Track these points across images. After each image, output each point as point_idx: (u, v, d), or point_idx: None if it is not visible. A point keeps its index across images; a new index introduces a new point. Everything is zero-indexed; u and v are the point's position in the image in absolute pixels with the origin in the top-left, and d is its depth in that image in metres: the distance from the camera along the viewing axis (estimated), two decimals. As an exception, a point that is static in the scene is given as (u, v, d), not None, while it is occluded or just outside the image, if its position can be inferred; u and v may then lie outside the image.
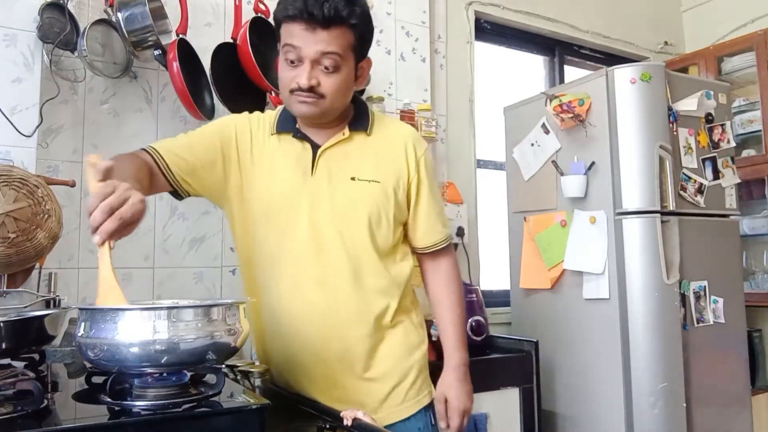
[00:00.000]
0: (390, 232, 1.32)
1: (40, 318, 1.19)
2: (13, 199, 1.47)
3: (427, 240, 1.39)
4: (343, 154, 1.31)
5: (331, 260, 1.27)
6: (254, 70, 2.07)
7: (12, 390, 0.94)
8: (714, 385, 2.28)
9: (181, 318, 0.90)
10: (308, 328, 1.27)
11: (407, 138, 1.37)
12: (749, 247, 3.10)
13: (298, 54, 1.20)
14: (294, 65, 1.22)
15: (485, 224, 2.91)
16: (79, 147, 1.97)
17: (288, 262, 1.29)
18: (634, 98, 2.23)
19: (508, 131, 2.71)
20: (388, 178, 1.32)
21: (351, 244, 1.28)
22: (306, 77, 1.20)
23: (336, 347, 1.28)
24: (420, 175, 1.35)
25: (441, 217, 1.41)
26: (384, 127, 1.38)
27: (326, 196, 1.28)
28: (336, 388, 1.28)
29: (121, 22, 1.90)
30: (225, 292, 2.16)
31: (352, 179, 1.29)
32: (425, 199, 1.37)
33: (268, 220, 1.29)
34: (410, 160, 1.35)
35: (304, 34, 1.18)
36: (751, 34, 3.15)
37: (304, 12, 1.16)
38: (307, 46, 1.19)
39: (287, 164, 1.30)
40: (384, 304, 1.31)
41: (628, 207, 2.20)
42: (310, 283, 1.27)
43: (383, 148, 1.34)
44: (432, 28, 2.80)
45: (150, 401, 0.91)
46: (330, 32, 1.18)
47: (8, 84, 1.72)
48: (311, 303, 1.27)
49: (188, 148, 1.28)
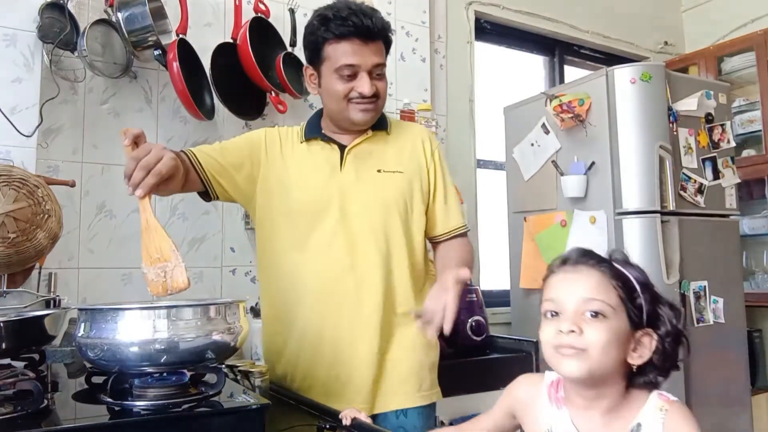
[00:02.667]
0: (418, 218, 1.43)
1: (40, 318, 1.19)
2: (13, 199, 1.47)
3: (445, 226, 1.48)
4: (367, 151, 1.44)
5: (360, 247, 1.36)
6: (254, 70, 2.07)
7: (12, 390, 0.94)
8: (714, 385, 2.28)
9: (180, 317, 0.90)
10: (337, 309, 1.34)
11: (422, 134, 1.52)
12: (749, 247, 3.09)
13: (354, 69, 1.34)
14: (350, 78, 1.35)
15: (485, 224, 2.91)
16: (79, 147, 1.97)
17: (318, 251, 1.37)
18: (634, 98, 2.23)
19: (508, 131, 2.71)
20: (411, 169, 1.45)
21: (381, 231, 1.38)
22: (369, 86, 1.34)
23: (359, 332, 1.34)
24: (436, 165, 1.49)
25: (458, 206, 1.53)
26: (399, 126, 1.54)
27: (354, 187, 1.39)
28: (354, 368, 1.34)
29: (121, 22, 1.90)
30: (225, 292, 2.16)
31: (378, 171, 1.42)
32: (442, 186, 1.49)
33: (301, 214, 1.39)
34: (427, 151, 1.48)
35: (359, 50, 1.33)
36: (751, 34, 3.15)
37: (360, 29, 1.31)
38: (364, 59, 1.33)
39: (318, 163, 1.42)
40: (409, 291, 1.39)
41: (628, 207, 2.20)
42: (340, 267, 1.35)
43: (403, 143, 1.48)
44: (432, 28, 2.80)
45: (150, 401, 0.91)
46: (377, 44, 1.36)
47: (8, 84, 1.72)
48: (341, 287, 1.35)
49: (220, 151, 1.40)
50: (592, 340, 0.83)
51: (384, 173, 1.42)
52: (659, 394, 0.86)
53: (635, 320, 0.85)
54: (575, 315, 0.85)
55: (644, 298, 0.86)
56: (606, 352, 0.83)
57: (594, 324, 0.83)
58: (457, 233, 1.49)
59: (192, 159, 1.35)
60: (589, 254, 0.90)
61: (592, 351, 0.83)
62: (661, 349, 0.85)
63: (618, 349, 0.84)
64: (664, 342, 0.85)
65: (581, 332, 0.83)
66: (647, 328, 0.86)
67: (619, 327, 0.84)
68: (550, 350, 0.86)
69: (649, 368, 0.86)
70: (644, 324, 0.85)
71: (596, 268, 0.87)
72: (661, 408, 0.84)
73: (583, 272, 0.87)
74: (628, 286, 0.86)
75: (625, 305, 0.85)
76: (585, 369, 0.83)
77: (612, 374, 0.85)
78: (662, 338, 0.85)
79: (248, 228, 2.23)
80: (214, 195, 1.40)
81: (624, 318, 0.85)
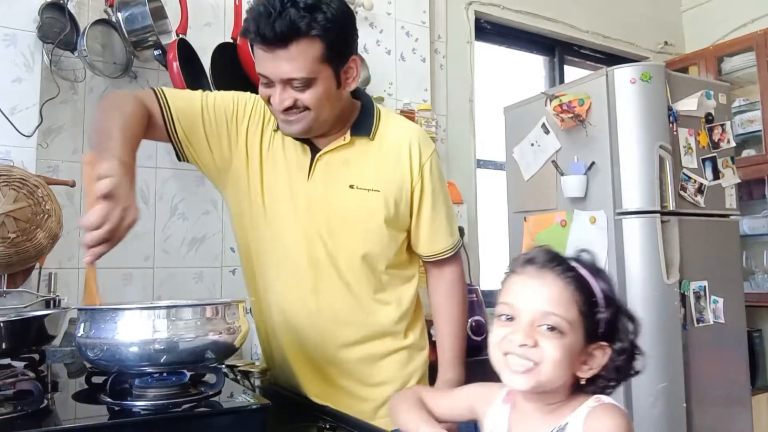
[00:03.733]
0: (390, 243, 1.27)
1: (40, 318, 1.19)
2: (13, 199, 1.47)
3: (429, 249, 1.33)
4: (342, 160, 1.24)
5: (322, 270, 1.24)
6: (254, 70, 2.06)
7: (12, 390, 0.94)
8: (714, 385, 2.28)
9: (180, 317, 0.90)
10: (306, 332, 1.26)
11: (412, 142, 1.28)
12: (749, 247, 3.09)
13: (267, 79, 1.14)
14: (268, 86, 1.15)
15: (485, 224, 2.91)
16: (79, 147, 1.97)
17: (284, 266, 1.26)
18: (634, 98, 2.23)
19: (508, 131, 2.71)
20: (390, 187, 1.25)
21: (344, 256, 1.24)
22: (278, 100, 1.13)
23: (333, 353, 1.27)
24: (424, 182, 1.28)
25: (448, 225, 1.34)
26: (389, 129, 1.29)
27: (321, 203, 1.23)
28: (335, 393, 1.27)
29: (121, 22, 1.90)
30: (225, 292, 2.16)
31: (350, 187, 1.23)
32: (428, 206, 1.29)
33: (266, 220, 1.26)
34: (414, 165, 1.27)
35: (265, 57, 1.11)
36: (751, 34, 3.15)
37: (257, 35, 1.08)
38: (270, 70, 1.11)
39: (289, 165, 1.26)
40: (383, 313, 1.28)
41: (628, 207, 2.20)
42: (305, 289, 1.25)
43: (386, 154, 1.26)
44: (432, 28, 2.80)
45: (150, 401, 0.91)
46: (290, 50, 1.08)
47: (8, 84, 1.73)
48: (307, 309, 1.26)
49: (199, 113, 1.23)
50: (545, 355, 0.78)
51: (357, 190, 1.23)
52: (596, 398, 0.83)
53: (591, 334, 0.81)
54: (530, 326, 0.79)
55: (606, 312, 0.81)
56: (558, 367, 0.79)
57: (549, 339, 0.79)
58: (442, 257, 1.34)
59: (165, 111, 1.19)
60: (555, 259, 0.83)
61: (544, 367, 0.78)
62: (611, 364, 0.81)
63: (570, 363, 0.80)
64: (617, 357, 0.81)
65: (535, 345, 0.79)
66: (601, 342, 0.81)
67: (574, 342, 0.79)
68: (499, 355, 0.81)
69: (599, 380, 0.82)
70: (599, 337, 0.81)
71: (561, 278, 0.81)
72: (587, 408, 0.82)
73: (546, 279, 0.81)
74: (590, 300, 0.81)
75: (585, 320, 0.80)
76: (533, 383, 0.79)
77: (559, 386, 0.82)
78: (616, 353, 0.81)
79: (248, 228, 2.23)
80: (182, 157, 1.24)
81: (581, 333, 0.80)
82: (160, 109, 1.20)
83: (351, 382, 1.29)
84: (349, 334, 1.27)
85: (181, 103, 1.23)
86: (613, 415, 0.79)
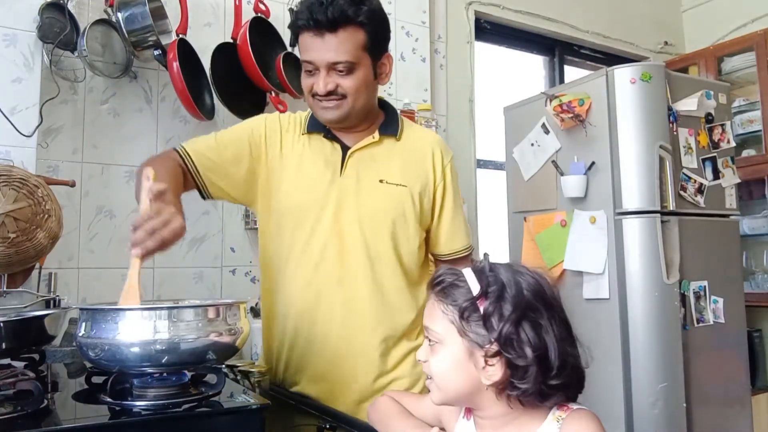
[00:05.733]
0: (414, 238, 1.33)
1: (40, 318, 1.19)
2: (13, 199, 1.47)
3: (449, 246, 1.40)
4: (371, 157, 1.32)
5: (351, 261, 1.28)
6: (254, 70, 2.07)
7: (12, 390, 0.94)
8: (714, 385, 2.28)
9: (181, 318, 0.90)
10: (326, 327, 1.28)
11: (434, 145, 1.38)
12: (749, 247, 3.09)
13: (314, 64, 1.22)
14: (311, 73, 1.24)
15: (485, 224, 2.91)
16: (79, 147, 1.97)
17: (310, 260, 1.29)
18: (634, 98, 2.23)
19: (508, 131, 2.71)
20: (415, 183, 1.33)
21: (374, 247, 1.28)
22: (322, 83, 1.22)
23: (351, 349, 1.28)
24: (446, 182, 1.37)
25: (465, 227, 1.43)
26: (412, 132, 1.40)
27: (353, 197, 1.29)
28: (350, 390, 1.28)
29: (121, 22, 1.90)
30: (225, 292, 2.16)
31: (380, 182, 1.31)
32: (450, 206, 1.38)
33: (295, 217, 1.30)
34: (437, 166, 1.36)
35: (315, 42, 1.20)
36: (751, 34, 3.15)
37: (310, 20, 1.19)
38: (319, 54, 1.21)
39: (317, 163, 1.31)
40: (402, 308, 1.31)
41: (628, 207, 2.20)
42: (330, 281, 1.28)
43: (411, 153, 1.35)
44: (432, 28, 2.80)
45: (150, 401, 0.91)
46: (338, 35, 1.19)
47: (8, 84, 1.73)
48: (330, 302, 1.28)
49: (215, 147, 1.31)
50: (432, 369, 0.84)
51: (387, 185, 1.31)
52: (558, 406, 0.82)
53: (476, 340, 0.79)
54: (425, 344, 0.86)
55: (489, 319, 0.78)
56: (447, 378, 0.82)
57: (433, 352, 0.84)
58: (459, 255, 1.41)
59: (186, 159, 1.28)
60: (437, 280, 0.85)
61: (436, 380, 0.84)
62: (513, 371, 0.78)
63: (464, 370, 0.81)
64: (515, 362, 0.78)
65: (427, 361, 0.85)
66: (493, 347, 0.78)
67: (457, 350, 0.81)
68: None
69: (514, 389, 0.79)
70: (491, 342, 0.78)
71: (433, 295, 0.85)
72: (557, 419, 0.81)
73: (430, 299, 0.86)
74: (462, 309, 0.80)
75: (462, 329, 0.80)
76: (440, 398, 0.85)
77: (477, 394, 0.82)
78: (511, 359, 0.78)
79: (248, 228, 2.23)
80: (207, 194, 1.33)
81: (463, 341, 0.80)
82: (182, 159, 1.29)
83: (361, 382, 1.29)
84: (366, 329, 1.28)
85: (200, 145, 1.32)
86: (588, 426, 0.80)
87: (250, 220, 2.22)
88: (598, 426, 0.81)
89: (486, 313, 0.79)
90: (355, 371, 1.28)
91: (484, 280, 0.81)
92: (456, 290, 0.82)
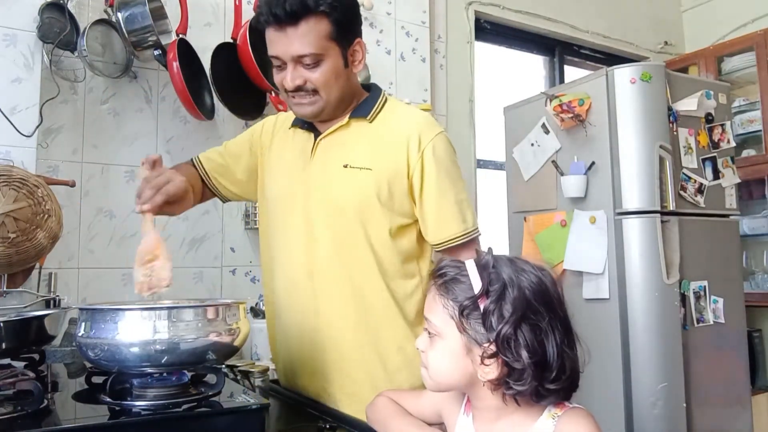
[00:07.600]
0: (384, 223, 1.23)
1: (40, 318, 1.19)
2: (13, 199, 1.47)
3: (438, 235, 1.25)
4: (339, 142, 1.26)
5: (319, 251, 1.24)
6: (254, 70, 2.07)
7: (12, 390, 0.94)
8: (714, 385, 2.28)
9: (181, 318, 0.90)
10: (304, 321, 1.25)
11: (412, 129, 1.25)
12: (749, 247, 3.09)
13: (280, 59, 1.19)
14: (281, 68, 1.21)
15: (485, 224, 2.91)
16: (79, 147, 1.97)
17: (284, 251, 1.29)
18: (634, 98, 2.23)
19: (508, 131, 2.71)
20: (384, 167, 1.22)
21: (341, 235, 1.23)
22: (290, 78, 1.18)
23: (328, 343, 1.23)
24: (425, 166, 1.23)
25: (458, 211, 1.26)
26: (393, 116, 1.29)
27: (320, 184, 1.25)
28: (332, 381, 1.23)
29: (121, 22, 1.90)
30: (225, 292, 2.16)
31: (344, 167, 1.23)
32: (432, 190, 1.23)
33: (275, 208, 1.32)
34: (411, 151, 1.23)
35: (278, 37, 1.17)
36: (751, 34, 3.15)
37: (270, 14, 1.15)
38: (283, 48, 1.17)
39: (294, 155, 1.31)
40: (379, 298, 1.23)
41: (628, 207, 2.20)
42: (302, 274, 1.25)
43: (383, 136, 1.25)
44: (432, 28, 2.80)
45: (150, 401, 0.91)
46: (300, 28, 1.14)
47: (8, 84, 1.72)
48: (303, 296, 1.25)
49: (223, 151, 1.41)
50: (430, 361, 0.85)
51: (350, 169, 1.22)
52: (554, 404, 0.82)
53: (474, 338, 0.80)
54: (425, 334, 0.87)
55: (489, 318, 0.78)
56: (444, 371, 0.84)
57: (431, 344, 0.85)
58: (454, 244, 1.25)
59: (197, 164, 1.38)
60: (439, 272, 0.86)
61: (431, 371, 0.86)
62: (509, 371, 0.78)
63: (461, 365, 0.82)
64: (512, 365, 0.78)
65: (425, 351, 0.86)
66: (491, 347, 0.78)
67: (455, 345, 0.82)
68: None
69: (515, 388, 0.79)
70: (490, 341, 0.78)
71: (434, 287, 0.86)
72: (553, 416, 0.82)
73: (431, 291, 0.87)
74: (463, 306, 0.80)
75: (461, 325, 0.80)
76: (433, 386, 0.87)
77: (473, 386, 0.83)
78: (507, 361, 0.78)
79: (248, 228, 2.23)
80: (222, 198, 1.43)
81: (461, 337, 0.81)
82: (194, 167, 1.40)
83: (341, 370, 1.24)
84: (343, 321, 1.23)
85: (211, 152, 1.42)
86: (584, 424, 0.81)
87: (250, 220, 2.22)
88: (593, 425, 0.81)
89: (486, 312, 0.79)
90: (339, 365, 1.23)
91: (486, 277, 0.80)
92: (457, 285, 0.82)
